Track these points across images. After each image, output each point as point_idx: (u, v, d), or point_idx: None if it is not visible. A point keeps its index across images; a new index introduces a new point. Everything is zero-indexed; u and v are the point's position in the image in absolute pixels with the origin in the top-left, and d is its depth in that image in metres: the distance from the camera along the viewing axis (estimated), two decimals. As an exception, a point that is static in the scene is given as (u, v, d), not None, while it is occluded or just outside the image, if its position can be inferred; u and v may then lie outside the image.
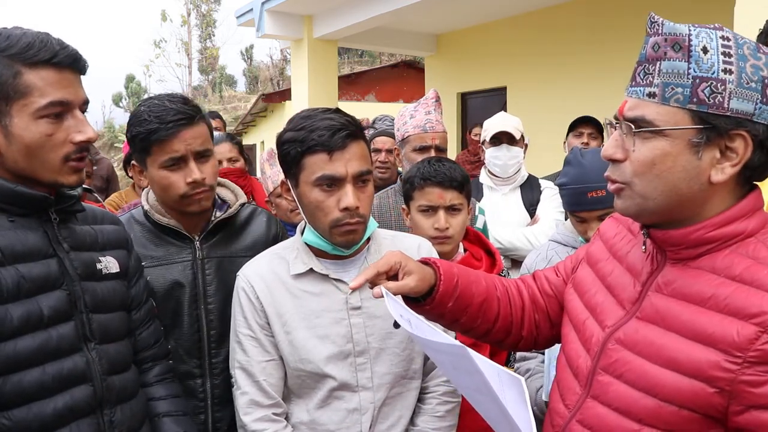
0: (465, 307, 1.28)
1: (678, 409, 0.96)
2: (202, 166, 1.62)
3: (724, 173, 0.97)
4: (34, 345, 1.16)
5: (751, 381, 0.89)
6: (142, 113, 1.58)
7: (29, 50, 1.15)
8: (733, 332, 0.91)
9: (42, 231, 1.24)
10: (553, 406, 1.21)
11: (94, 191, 3.24)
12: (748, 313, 0.91)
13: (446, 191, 1.90)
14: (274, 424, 1.48)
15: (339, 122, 1.41)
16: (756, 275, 0.93)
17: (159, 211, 1.69)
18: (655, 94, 0.98)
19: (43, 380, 1.17)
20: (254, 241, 1.78)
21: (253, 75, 32.47)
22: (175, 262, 1.68)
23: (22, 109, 1.16)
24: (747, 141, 0.95)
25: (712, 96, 0.94)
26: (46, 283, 1.21)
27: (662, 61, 0.97)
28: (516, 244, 2.71)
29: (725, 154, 0.97)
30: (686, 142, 0.96)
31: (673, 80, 0.96)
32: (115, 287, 1.37)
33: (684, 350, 0.96)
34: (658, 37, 0.98)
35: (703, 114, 0.95)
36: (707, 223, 0.99)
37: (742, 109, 0.94)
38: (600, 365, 1.09)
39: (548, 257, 2.00)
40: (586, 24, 6.34)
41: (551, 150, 4.88)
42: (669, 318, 1.00)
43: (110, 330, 1.33)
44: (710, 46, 0.95)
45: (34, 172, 1.21)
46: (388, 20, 6.61)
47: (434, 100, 2.50)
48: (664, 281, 1.04)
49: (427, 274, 1.24)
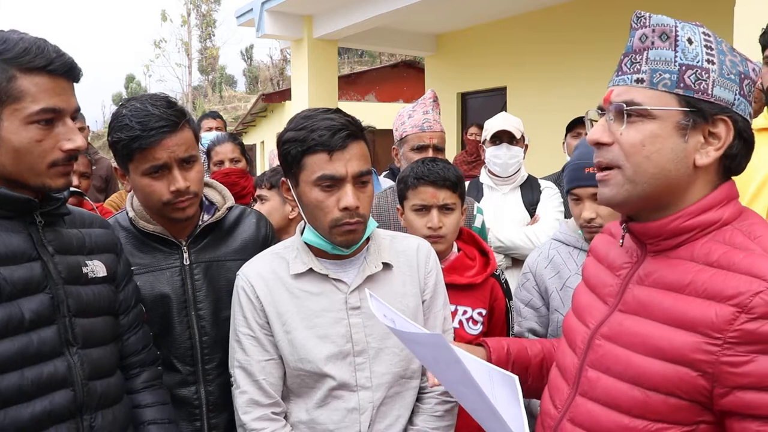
0: (525, 369, 1.35)
1: (665, 397, 0.97)
2: (187, 172, 1.56)
3: (709, 156, 1.01)
4: (14, 349, 1.15)
5: (732, 362, 0.91)
6: (124, 117, 1.51)
7: (25, 55, 1.15)
8: (712, 314, 0.93)
9: (26, 234, 1.23)
10: (544, 407, 1.22)
11: (86, 194, 3.23)
12: (726, 295, 0.93)
13: (439, 190, 1.91)
14: (273, 423, 1.48)
15: (339, 122, 1.41)
16: (732, 259, 0.96)
17: (144, 218, 1.64)
18: (644, 79, 1.03)
19: (22, 384, 1.16)
20: (244, 244, 1.74)
21: (253, 75, 32.48)
22: (163, 268, 1.63)
23: (14, 113, 1.16)
24: (729, 126, 1.01)
25: (698, 82, 1.00)
26: (28, 287, 1.20)
27: (650, 50, 1.03)
28: (517, 243, 2.72)
29: (708, 140, 1.02)
30: (674, 124, 1.01)
31: (660, 67, 1.02)
32: (101, 291, 1.36)
33: (666, 337, 0.98)
34: (646, 29, 1.04)
35: (690, 98, 1.00)
36: (683, 213, 1.03)
37: (724, 97, 1.00)
38: (587, 361, 1.11)
39: (550, 256, 2.00)
40: (586, 24, 6.34)
41: (551, 150, 4.89)
42: (650, 307, 1.03)
43: (94, 334, 1.31)
44: (694, 38, 1.01)
45: (21, 176, 1.21)
46: (388, 20, 6.61)
47: (432, 99, 2.51)
48: (645, 273, 1.07)
49: (478, 350, 1.34)
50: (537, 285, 1.99)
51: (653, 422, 0.99)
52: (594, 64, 6.11)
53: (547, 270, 1.97)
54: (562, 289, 1.92)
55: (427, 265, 1.60)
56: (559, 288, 1.93)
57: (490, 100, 7.69)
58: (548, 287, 1.95)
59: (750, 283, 0.91)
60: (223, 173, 3.28)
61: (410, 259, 1.59)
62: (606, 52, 5.94)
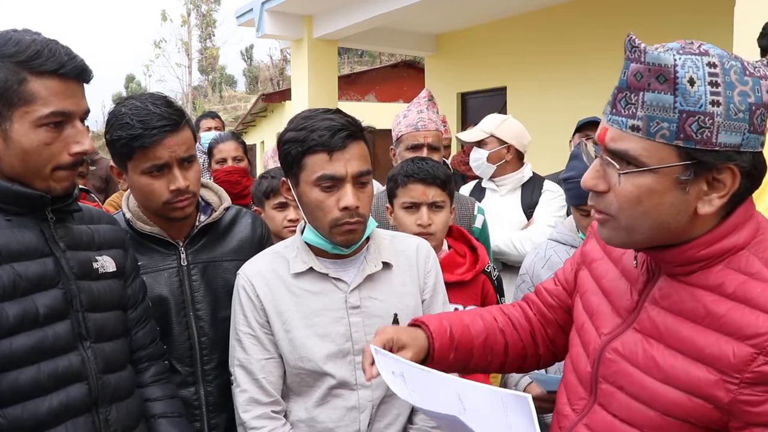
0: (469, 350, 1.29)
1: (680, 423, 0.97)
2: (186, 172, 1.57)
3: (712, 205, 0.94)
4: (30, 343, 1.17)
5: (749, 401, 0.89)
6: (124, 116, 1.50)
7: (37, 59, 1.16)
8: (730, 353, 0.91)
9: (38, 230, 1.24)
10: (560, 408, 1.21)
11: (92, 192, 3.24)
12: (744, 334, 0.90)
13: (429, 188, 1.93)
14: (273, 421, 1.49)
15: (339, 122, 1.42)
16: (750, 293, 0.92)
17: (141, 219, 1.63)
18: (639, 127, 0.92)
19: (39, 378, 1.18)
20: (240, 244, 1.74)
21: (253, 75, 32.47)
22: (160, 269, 1.63)
23: (24, 116, 1.17)
24: (735, 173, 0.92)
25: (700, 131, 0.89)
26: (42, 282, 1.21)
27: (646, 92, 0.92)
28: (502, 249, 2.69)
29: (712, 185, 0.94)
30: (673, 179, 0.93)
31: (658, 114, 0.91)
32: (111, 286, 1.37)
33: (683, 368, 0.96)
34: (640, 65, 0.92)
35: (691, 150, 0.90)
36: (698, 242, 0.97)
37: (730, 142, 0.90)
38: (600, 373, 1.09)
39: (546, 256, 2.00)
40: (586, 24, 6.34)
41: (551, 150, 4.89)
42: (667, 334, 1.00)
43: (106, 329, 1.33)
44: (697, 76, 0.89)
45: (27, 178, 1.22)
46: (388, 20, 6.61)
47: (426, 99, 2.51)
48: (661, 294, 1.03)
49: (420, 339, 1.25)
50: (534, 286, 1.99)
51: None
52: (594, 64, 6.12)
53: (544, 270, 1.97)
54: (561, 288, 1.91)
55: (426, 265, 1.61)
56: (558, 288, 1.92)
57: (490, 100, 7.69)
58: (545, 288, 1.95)
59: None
60: (225, 171, 3.26)
61: (410, 258, 1.59)
62: (606, 51, 5.95)
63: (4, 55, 1.15)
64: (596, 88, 5.92)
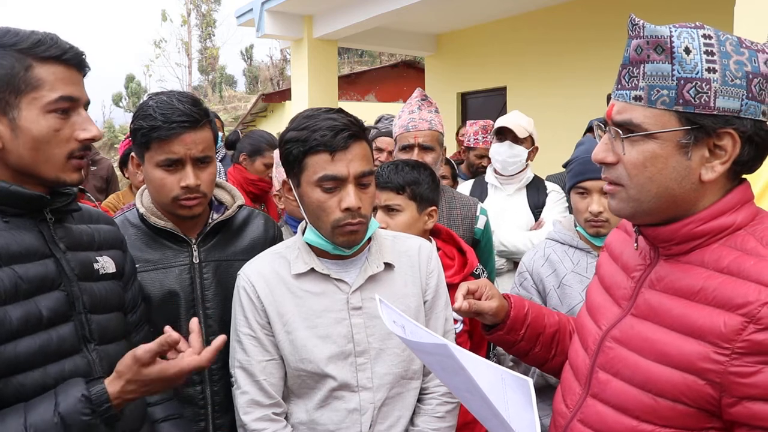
0: (537, 335, 1.35)
1: (673, 404, 0.97)
2: (200, 172, 1.59)
3: (714, 171, 0.98)
4: (35, 346, 1.15)
5: (740, 372, 0.90)
6: (149, 107, 1.56)
7: (40, 46, 1.17)
8: (720, 324, 0.92)
9: (37, 231, 1.23)
10: (556, 406, 1.22)
11: (87, 192, 3.25)
12: (734, 303, 0.92)
13: (381, 192, 1.97)
14: (274, 423, 1.48)
15: (341, 122, 1.41)
16: (742, 266, 0.95)
17: (155, 214, 1.65)
18: (641, 97, 0.99)
19: (45, 382, 1.16)
20: (252, 244, 1.76)
21: (253, 75, 32.43)
22: (172, 266, 1.64)
23: (32, 102, 1.16)
24: (735, 138, 0.96)
25: (698, 96, 0.95)
26: (43, 284, 1.19)
27: (646, 63, 0.98)
28: (521, 248, 2.71)
29: (714, 152, 0.98)
30: (675, 143, 0.98)
31: (658, 82, 0.97)
32: (112, 287, 1.36)
33: (675, 344, 0.97)
34: (640, 39, 0.99)
35: (690, 114, 0.96)
36: (695, 218, 1.01)
37: (728, 106, 0.95)
38: (598, 363, 1.11)
39: (546, 254, 2.01)
40: (586, 23, 6.34)
41: (551, 149, 4.88)
42: (661, 313, 1.02)
43: (109, 330, 1.32)
44: (692, 46, 0.96)
45: (37, 168, 1.20)
46: (388, 20, 6.61)
47: (418, 99, 2.51)
48: (657, 277, 1.06)
49: (504, 303, 1.34)
50: (535, 284, 1.99)
51: (661, 427, 0.99)
52: (594, 63, 6.12)
53: (544, 268, 1.98)
54: (560, 287, 1.92)
55: (428, 266, 1.60)
56: (557, 286, 1.93)
57: (490, 100, 7.70)
58: (546, 286, 1.96)
59: (759, 293, 0.90)
60: (258, 179, 3.55)
61: (412, 259, 1.59)
62: (606, 51, 5.95)
63: (5, 45, 1.15)
64: (597, 87, 5.92)
